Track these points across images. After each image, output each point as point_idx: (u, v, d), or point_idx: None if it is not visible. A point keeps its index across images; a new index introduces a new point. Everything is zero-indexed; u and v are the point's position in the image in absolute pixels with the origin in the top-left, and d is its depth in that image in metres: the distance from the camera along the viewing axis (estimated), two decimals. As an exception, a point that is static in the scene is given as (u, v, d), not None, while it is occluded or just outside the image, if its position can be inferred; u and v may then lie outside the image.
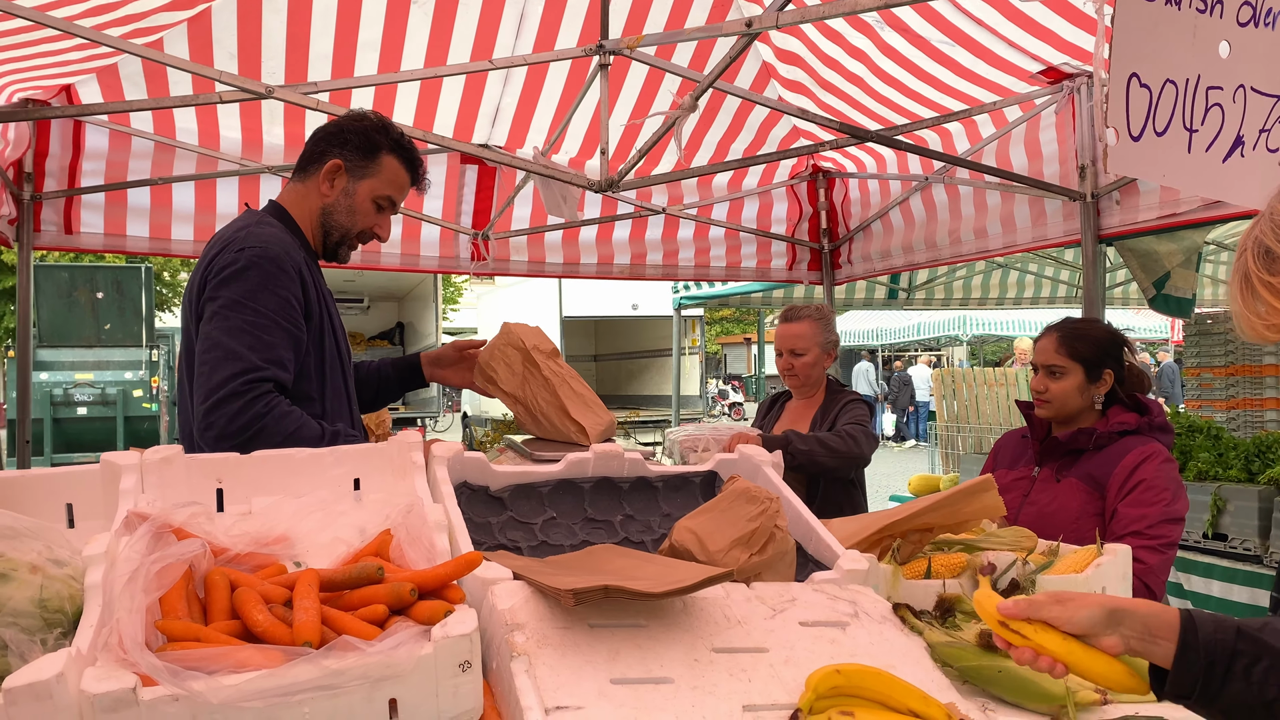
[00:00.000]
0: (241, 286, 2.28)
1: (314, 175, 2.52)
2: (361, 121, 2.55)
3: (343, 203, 2.52)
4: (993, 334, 24.13)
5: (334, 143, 2.51)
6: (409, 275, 16.49)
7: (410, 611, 1.47)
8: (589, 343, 19.59)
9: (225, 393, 2.20)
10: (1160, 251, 3.96)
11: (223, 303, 2.28)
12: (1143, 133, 1.46)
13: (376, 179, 2.53)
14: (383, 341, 17.97)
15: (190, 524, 1.64)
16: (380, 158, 2.53)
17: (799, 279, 5.54)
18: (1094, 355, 2.79)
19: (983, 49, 3.70)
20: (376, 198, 2.55)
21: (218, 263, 2.32)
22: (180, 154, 4.36)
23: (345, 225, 2.55)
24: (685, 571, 1.69)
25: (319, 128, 2.57)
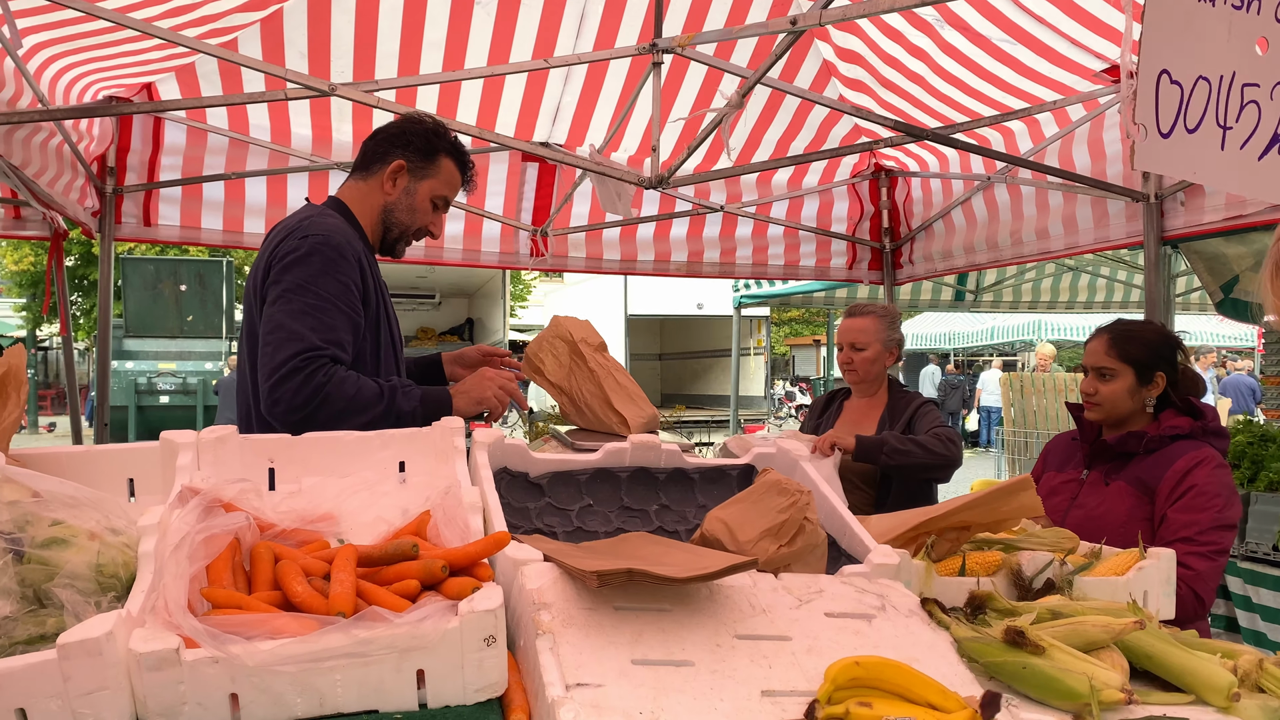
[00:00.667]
0: (304, 271, 2.38)
1: (376, 174, 2.63)
2: (421, 124, 2.66)
3: (404, 201, 2.64)
4: (1069, 339, 23.58)
5: (397, 144, 2.63)
6: (479, 272, 16.70)
7: (441, 587, 1.53)
8: (654, 341, 19.64)
9: (288, 369, 2.30)
10: (1229, 254, 3.86)
11: (286, 286, 2.38)
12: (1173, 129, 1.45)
13: (436, 179, 2.66)
14: (453, 336, 18.24)
15: (240, 499, 1.72)
16: (439, 159, 2.66)
17: (859, 278, 5.52)
18: (1145, 357, 2.75)
19: (1044, 47, 3.65)
20: (434, 197, 2.68)
21: (281, 249, 2.43)
22: (253, 150, 4.51)
23: (405, 223, 2.67)
24: (711, 559, 1.72)
25: (380, 129, 2.68)
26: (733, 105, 2.64)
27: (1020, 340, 24.07)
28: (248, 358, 2.51)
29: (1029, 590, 2.06)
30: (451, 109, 4.29)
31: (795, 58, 4.33)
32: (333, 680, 1.38)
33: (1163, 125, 1.43)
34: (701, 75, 4.24)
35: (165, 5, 3.37)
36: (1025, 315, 20.68)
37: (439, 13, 3.89)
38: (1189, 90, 1.43)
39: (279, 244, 2.45)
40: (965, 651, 1.71)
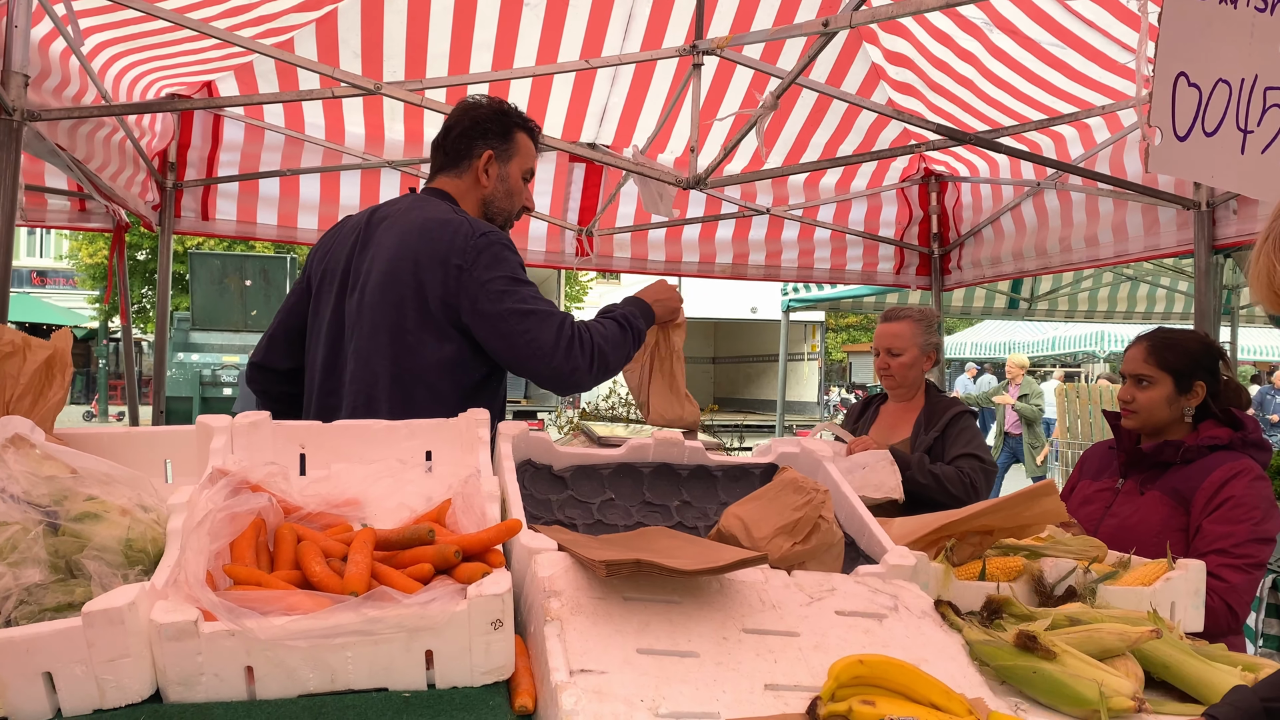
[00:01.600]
0: (508, 265, 2.46)
1: (469, 169, 2.65)
2: (485, 108, 2.68)
3: (500, 188, 2.67)
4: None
5: (478, 134, 2.64)
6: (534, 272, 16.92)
7: (454, 572, 1.57)
8: (707, 344, 19.64)
9: (567, 338, 2.41)
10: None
11: (506, 280, 2.43)
12: (1190, 132, 1.43)
13: (519, 156, 2.70)
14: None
15: (267, 482, 1.78)
16: (515, 135, 2.69)
17: (906, 283, 5.47)
18: (1185, 366, 2.70)
19: (1095, 51, 3.60)
20: (523, 172, 2.71)
21: (463, 247, 2.43)
22: (308, 148, 4.62)
23: (507, 208, 2.71)
24: (722, 553, 1.74)
25: (450, 123, 2.66)
26: (767, 107, 2.65)
27: (1083, 351, 23.59)
28: (382, 338, 2.49)
29: (1050, 597, 2.04)
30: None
31: (844, 60, 4.32)
32: (344, 657, 1.42)
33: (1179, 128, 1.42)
34: (747, 78, 4.25)
35: (223, 5, 3.48)
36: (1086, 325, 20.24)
37: (489, 14, 3.96)
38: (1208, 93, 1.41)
39: (452, 241, 2.44)
40: (976, 655, 1.71)
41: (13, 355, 1.90)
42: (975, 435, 3.42)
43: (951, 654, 1.69)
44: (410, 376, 2.47)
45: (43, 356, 1.91)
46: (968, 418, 3.47)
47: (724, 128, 4.45)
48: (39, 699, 1.35)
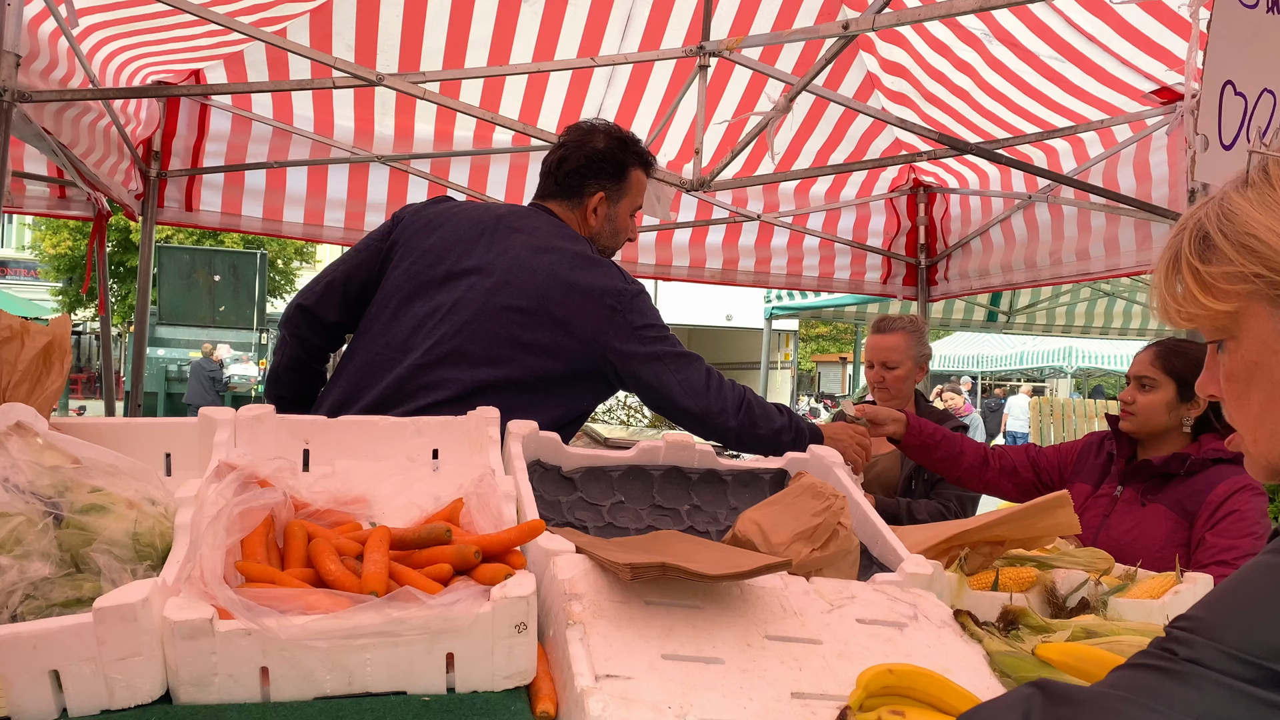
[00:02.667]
0: (657, 316, 2.54)
1: (579, 207, 2.60)
2: (603, 144, 2.59)
3: (607, 228, 2.64)
4: (1099, 367, 23.36)
5: (591, 174, 2.58)
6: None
7: (474, 573, 1.53)
8: (682, 351, 19.65)
9: (716, 380, 2.52)
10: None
11: (658, 327, 2.52)
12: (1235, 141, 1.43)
13: (630, 196, 2.65)
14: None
15: (275, 477, 1.73)
16: (630, 174, 2.63)
17: (893, 293, 5.49)
18: (1190, 373, 2.71)
19: (1094, 66, 3.62)
20: (632, 209, 2.68)
21: (619, 290, 2.43)
22: (296, 140, 4.55)
23: (611, 247, 2.68)
24: (744, 558, 1.71)
25: (563, 156, 2.59)
26: (779, 109, 2.63)
27: (1050, 366, 23.87)
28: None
29: (1062, 609, 2.03)
30: (494, 106, 4.30)
31: (839, 68, 4.32)
32: (363, 659, 1.38)
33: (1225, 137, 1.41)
34: (745, 80, 4.24)
35: (218, -8, 3.41)
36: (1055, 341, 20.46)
37: (486, 9, 3.91)
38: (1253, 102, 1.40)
39: (615, 286, 2.44)
40: (998, 666, 1.68)
41: (10, 340, 1.83)
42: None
43: (973, 665, 1.67)
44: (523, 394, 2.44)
45: (41, 343, 1.85)
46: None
47: (718, 130, 4.44)
48: (45, 698, 1.29)
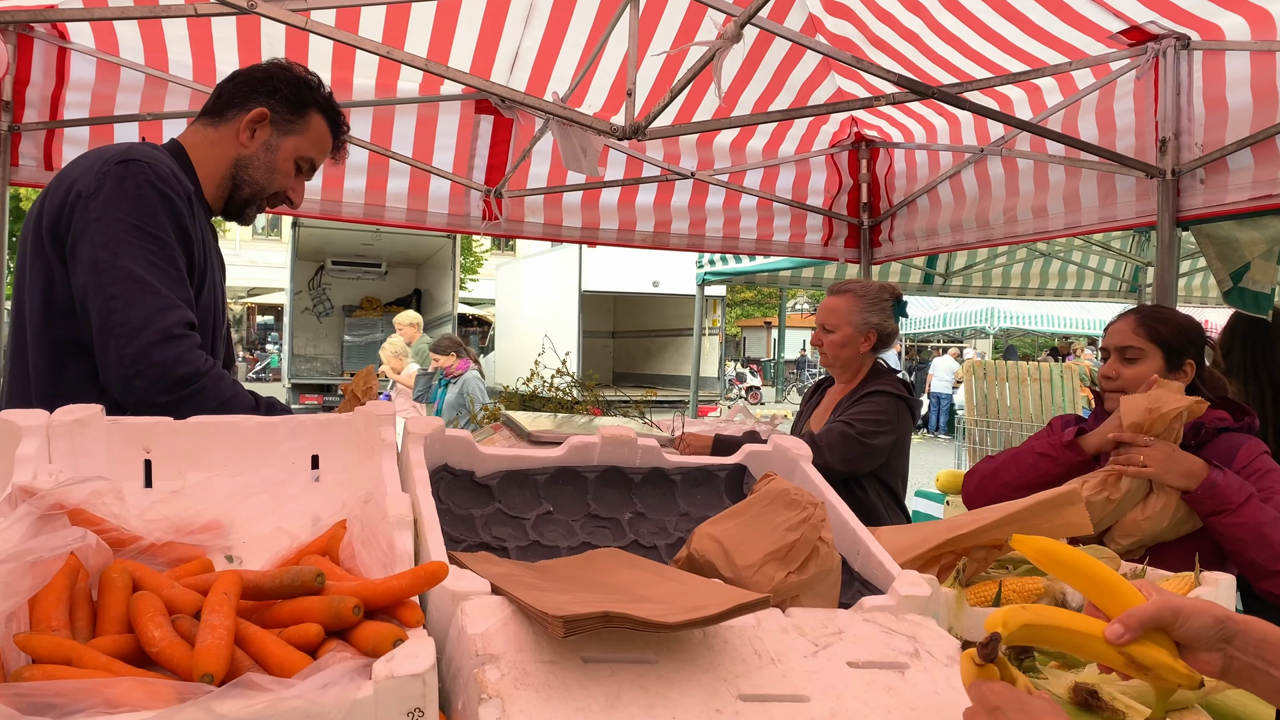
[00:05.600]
0: (138, 207, 1.95)
1: (231, 121, 2.22)
2: (292, 71, 2.27)
3: (262, 157, 2.23)
4: (1019, 327, 23.61)
5: (261, 89, 2.22)
6: (428, 241, 16.18)
7: (352, 635, 1.14)
8: (607, 319, 19.26)
9: (159, 334, 1.91)
10: (1241, 240, 3.57)
11: (120, 224, 1.93)
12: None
13: (302, 137, 2.26)
14: (399, 307, 17.69)
15: (93, 503, 1.31)
16: (309, 115, 2.27)
17: (834, 256, 5.16)
18: (1177, 341, 2.44)
19: (1059, 3, 3.30)
20: (299, 158, 2.28)
21: (95, 177, 1.96)
22: (173, 89, 4.02)
23: (260, 182, 2.26)
24: (708, 593, 1.35)
25: (242, 70, 2.29)
26: (730, 38, 2.25)
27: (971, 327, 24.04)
28: (40, 324, 2.02)
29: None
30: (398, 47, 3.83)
31: (779, 9, 3.95)
32: (189, 777, 0.98)
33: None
34: (679, 18, 3.84)
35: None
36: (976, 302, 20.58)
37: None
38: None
39: (92, 172, 1.98)
40: (1021, 713, 1.36)
41: None
42: (872, 409, 3.11)
43: (992, 714, 1.34)
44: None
45: None
46: (882, 397, 3.15)
47: (651, 71, 4.03)
48: None
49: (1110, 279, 8.19)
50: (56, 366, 1.99)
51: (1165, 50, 3.27)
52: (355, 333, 17.09)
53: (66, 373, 1.99)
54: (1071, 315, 21.69)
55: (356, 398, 2.84)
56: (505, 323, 20.43)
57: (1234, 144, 3.12)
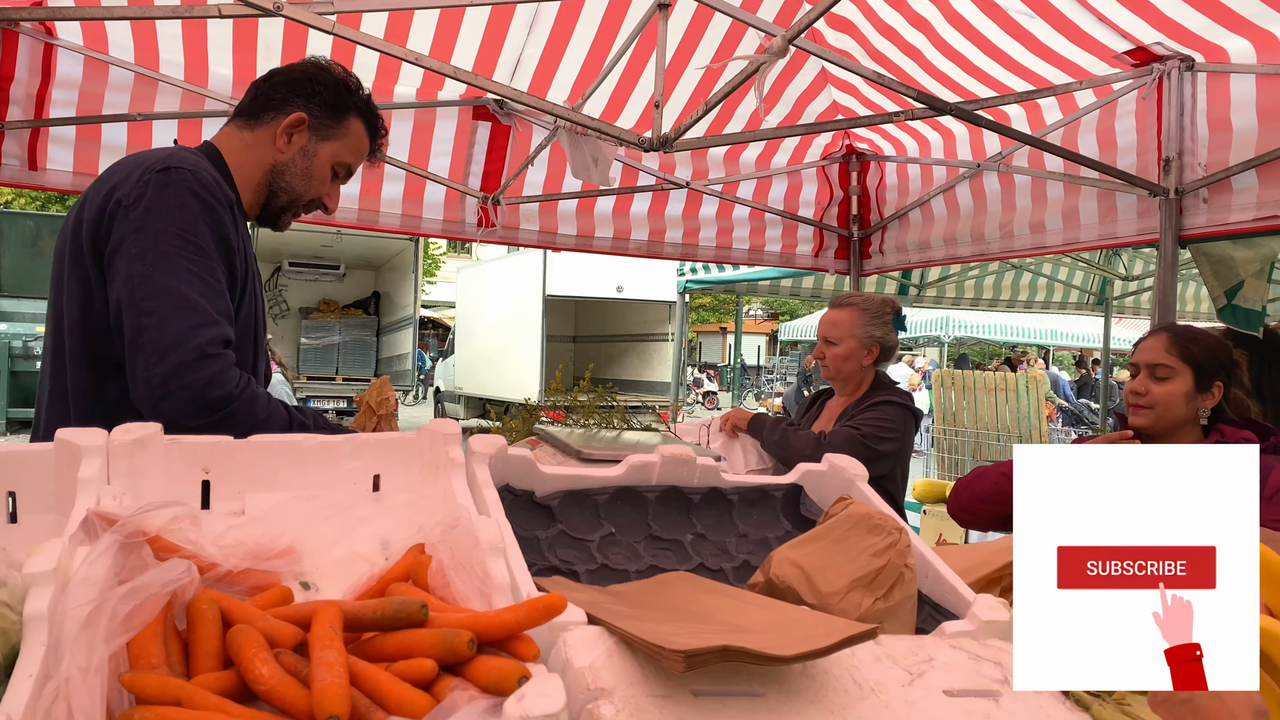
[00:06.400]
0: (180, 217, 1.87)
1: (268, 125, 2.13)
2: (331, 73, 2.18)
3: (299, 163, 2.15)
4: (973, 336, 23.96)
5: (300, 92, 2.13)
6: (388, 243, 15.98)
7: (467, 670, 1.10)
8: (569, 323, 19.19)
9: (193, 353, 1.82)
10: (1236, 258, 3.63)
11: (160, 235, 1.85)
12: None
13: (340, 143, 2.18)
14: (358, 310, 17.50)
15: (171, 530, 1.25)
16: (348, 119, 2.19)
17: (824, 267, 5.18)
18: (1208, 361, 2.47)
19: (1066, 22, 3.34)
20: (336, 163, 2.20)
21: (136, 185, 1.89)
22: (164, 89, 3.92)
23: (298, 189, 2.18)
24: (810, 622, 1.33)
25: (279, 70, 2.20)
26: (774, 52, 2.23)
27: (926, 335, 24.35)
28: (77, 337, 1.95)
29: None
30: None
31: (781, 19, 3.94)
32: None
33: None
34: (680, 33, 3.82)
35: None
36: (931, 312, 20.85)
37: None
38: None
39: (133, 179, 1.90)
40: (1116, 741, 1.36)
41: None
42: (880, 417, 3.13)
43: (1088, 743, 1.34)
44: None
45: None
46: (889, 406, 3.17)
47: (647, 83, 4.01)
48: None
49: (1079, 291, 8.32)
50: (95, 385, 1.90)
51: (1170, 71, 3.33)
52: (312, 335, 16.85)
53: (106, 393, 1.91)
54: (1023, 325, 22.04)
55: (371, 409, 2.78)
56: (465, 326, 20.26)
57: (1239, 165, 3.18)
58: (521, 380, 16.55)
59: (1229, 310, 3.73)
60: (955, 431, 9.12)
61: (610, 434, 2.61)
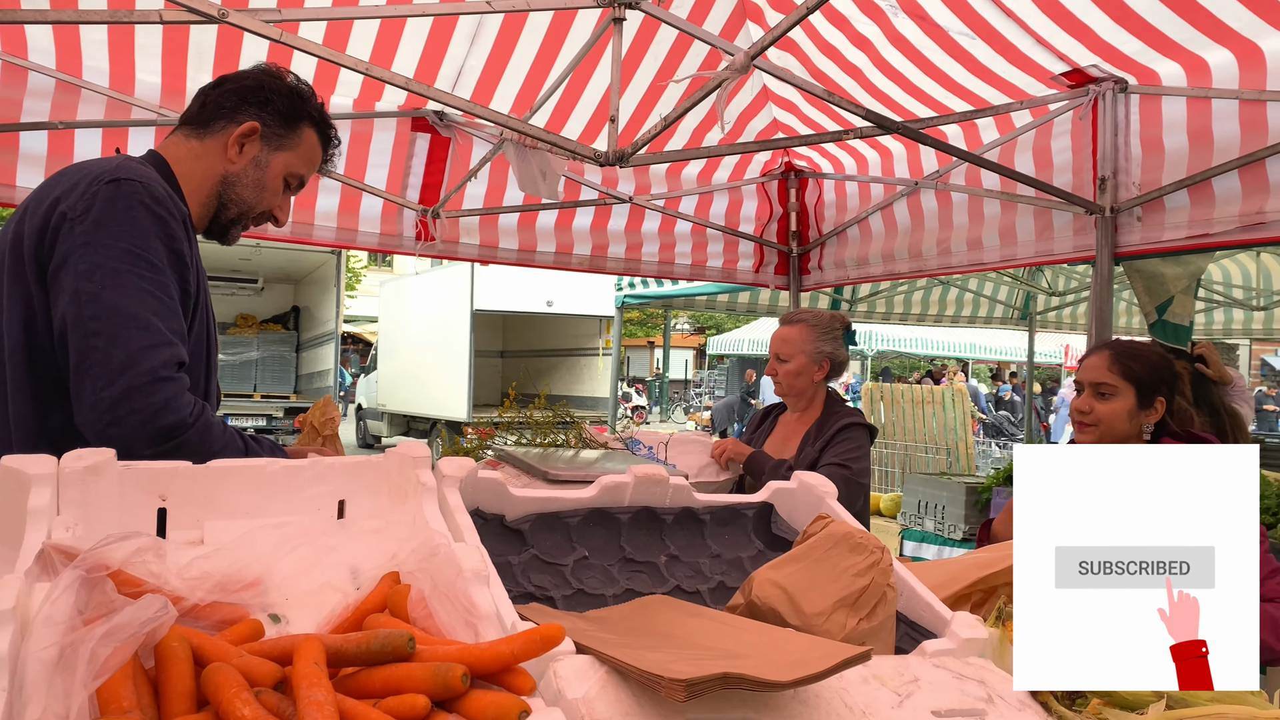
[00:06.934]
0: (130, 231, 1.77)
1: (219, 134, 2.04)
2: (283, 80, 2.11)
3: (251, 174, 2.06)
4: (894, 349, 24.40)
5: (252, 100, 2.05)
6: (308, 256, 15.59)
7: (460, 705, 1.05)
8: (496, 337, 19.01)
9: (144, 376, 1.72)
10: (1166, 274, 3.76)
11: (109, 250, 1.76)
12: None
13: (293, 153, 2.11)
14: (276, 325, 17.06)
15: (133, 564, 1.18)
16: (301, 129, 2.12)
17: (765, 282, 5.21)
18: (1149, 378, 2.53)
19: (1006, 43, 3.41)
20: (289, 174, 2.12)
21: (82, 198, 1.79)
22: (87, 96, 3.76)
23: (249, 201, 2.09)
24: (800, 646, 1.31)
25: (230, 77, 2.11)
26: (736, 68, 2.23)
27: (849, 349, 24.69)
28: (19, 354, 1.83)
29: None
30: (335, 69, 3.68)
31: (725, 33, 3.96)
32: None
33: None
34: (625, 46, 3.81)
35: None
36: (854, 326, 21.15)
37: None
38: None
39: (79, 191, 1.80)
40: (1099, 757, 1.36)
41: None
42: (854, 446, 3.18)
43: (1073, 760, 1.34)
44: None
45: None
46: (857, 430, 3.22)
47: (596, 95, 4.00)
48: None
49: (1004, 306, 8.52)
50: (39, 411, 1.79)
51: (1105, 93, 3.42)
52: (229, 351, 16.36)
53: (51, 420, 1.79)
54: (942, 339, 22.52)
55: (316, 429, 2.69)
56: (389, 342, 19.91)
57: (1171, 184, 3.28)
58: (448, 397, 16.32)
59: (1160, 325, 3.85)
60: (885, 444, 9.25)
61: (568, 453, 2.57)
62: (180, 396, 1.76)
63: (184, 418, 1.75)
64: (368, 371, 21.50)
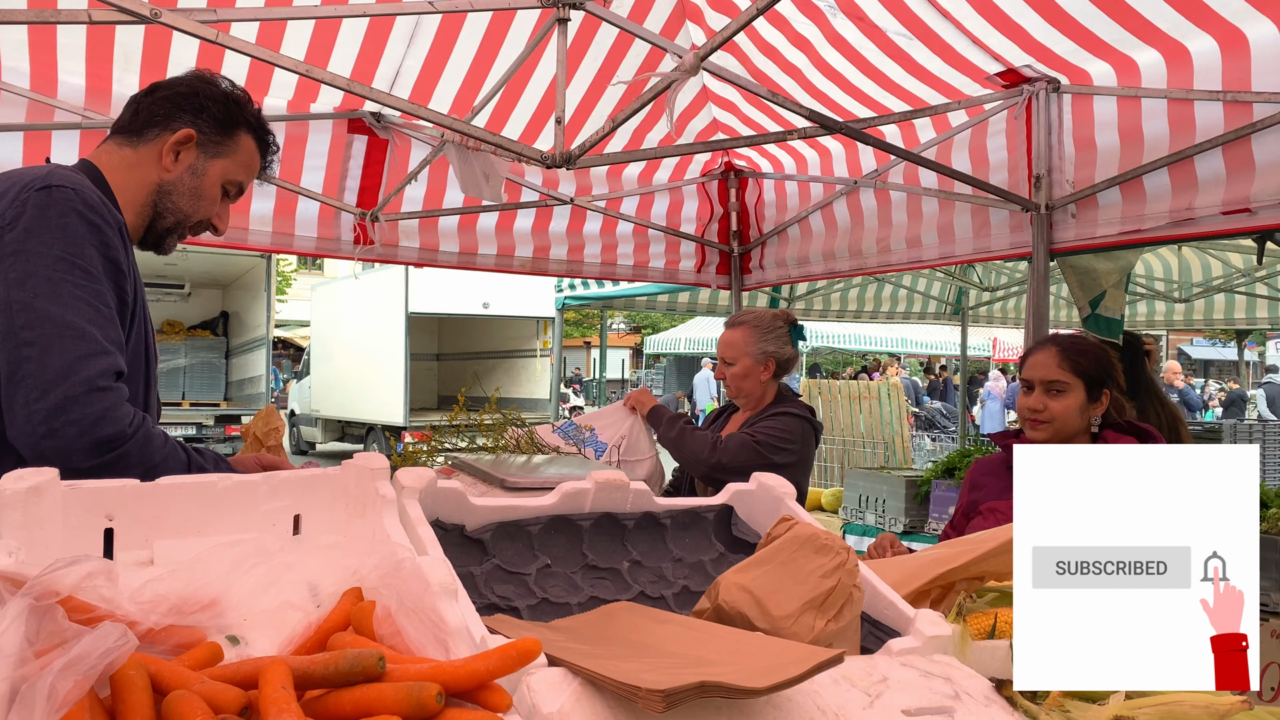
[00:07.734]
0: (63, 238, 1.72)
1: (153, 142, 1.99)
2: (217, 86, 2.06)
3: (187, 182, 2.01)
4: (828, 345, 24.70)
5: (186, 107, 2.00)
6: (237, 261, 15.26)
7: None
8: (432, 340, 18.80)
9: (80, 386, 1.66)
10: (1099, 269, 3.85)
11: (42, 258, 1.70)
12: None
13: (230, 160, 2.06)
14: (205, 331, 16.67)
15: (84, 589, 1.13)
16: (238, 135, 2.07)
17: (707, 282, 5.23)
18: (1096, 372, 2.59)
19: (942, 44, 3.46)
20: (226, 182, 2.07)
21: (12, 205, 1.73)
22: (6, 99, 3.62)
23: (185, 210, 2.04)
24: (771, 651, 1.30)
25: (163, 84, 2.06)
26: (686, 69, 2.22)
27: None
28: None
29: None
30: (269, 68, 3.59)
31: (666, 32, 3.95)
32: None
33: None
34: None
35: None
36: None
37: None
38: None
39: (8, 199, 1.75)
40: (1065, 749, 1.38)
41: None
42: (777, 426, 3.20)
43: (1040, 753, 1.36)
44: None
45: None
46: (786, 417, 3.23)
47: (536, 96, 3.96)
48: None
49: (937, 302, 8.67)
50: None
51: (1038, 92, 3.49)
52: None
53: None
54: (875, 334, 22.84)
55: (259, 439, 2.63)
56: (321, 346, 19.58)
57: (1104, 182, 3.36)
58: (384, 401, 16.11)
59: (1093, 319, 3.94)
60: (825, 440, 9.35)
61: (520, 459, 2.54)
62: (119, 407, 1.70)
63: (123, 429, 1.69)
64: (300, 377, 21.13)
